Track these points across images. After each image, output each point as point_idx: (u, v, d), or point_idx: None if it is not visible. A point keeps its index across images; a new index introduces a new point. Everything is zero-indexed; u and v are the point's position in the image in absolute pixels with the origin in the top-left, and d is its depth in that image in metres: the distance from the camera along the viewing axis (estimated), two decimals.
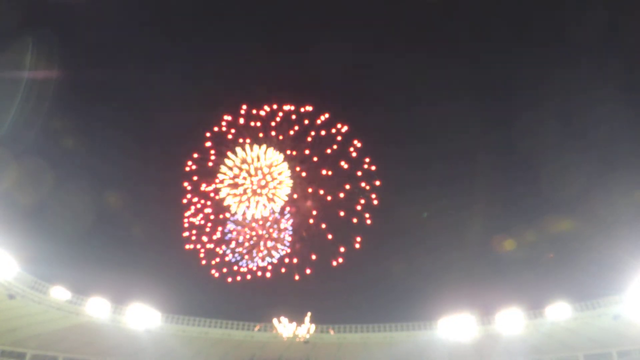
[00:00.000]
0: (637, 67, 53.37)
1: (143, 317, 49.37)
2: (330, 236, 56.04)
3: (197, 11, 65.90)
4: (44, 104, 49.03)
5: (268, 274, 54.68)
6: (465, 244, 62.56)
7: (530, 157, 62.19)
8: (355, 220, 55.79)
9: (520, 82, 64.13)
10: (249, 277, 54.52)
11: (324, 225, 57.27)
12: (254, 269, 54.63)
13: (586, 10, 53.14)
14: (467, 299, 50.31)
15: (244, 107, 56.44)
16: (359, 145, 56.94)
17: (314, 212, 57.03)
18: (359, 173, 56.85)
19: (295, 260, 57.13)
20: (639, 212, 48.70)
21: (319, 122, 57.30)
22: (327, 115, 56.50)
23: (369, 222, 55.64)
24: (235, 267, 54.91)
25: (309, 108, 56.58)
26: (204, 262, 55.04)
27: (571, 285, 47.37)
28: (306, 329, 52.24)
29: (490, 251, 60.39)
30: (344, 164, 56.54)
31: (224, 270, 54.53)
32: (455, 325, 49.80)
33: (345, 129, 56.85)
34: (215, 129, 55.94)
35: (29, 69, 45.42)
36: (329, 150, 56.38)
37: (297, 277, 55.96)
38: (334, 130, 57.28)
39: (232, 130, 55.64)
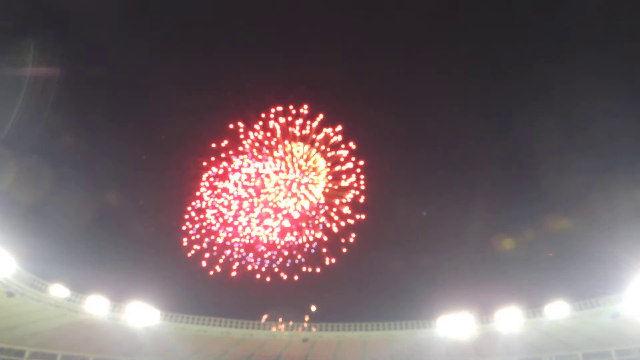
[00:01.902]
0: (637, 65, 53.42)
1: (142, 315, 49.32)
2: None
3: (198, 9, 65.82)
4: (44, 104, 48.95)
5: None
6: (465, 242, 62.75)
7: (530, 156, 62.35)
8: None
9: (519, 81, 64.18)
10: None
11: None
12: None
13: (585, 8, 53.18)
14: (466, 298, 50.52)
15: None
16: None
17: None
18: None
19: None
20: (637, 211, 48.81)
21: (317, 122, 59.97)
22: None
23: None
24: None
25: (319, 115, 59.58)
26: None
27: (570, 284, 47.61)
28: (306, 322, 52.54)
29: (490, 250, 60.61)
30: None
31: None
32: (454, 324, 49.86)
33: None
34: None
35: (30, 69, 45.36)
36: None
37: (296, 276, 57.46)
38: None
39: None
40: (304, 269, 62.72)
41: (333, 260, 60.50)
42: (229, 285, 61.04)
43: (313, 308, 52.53)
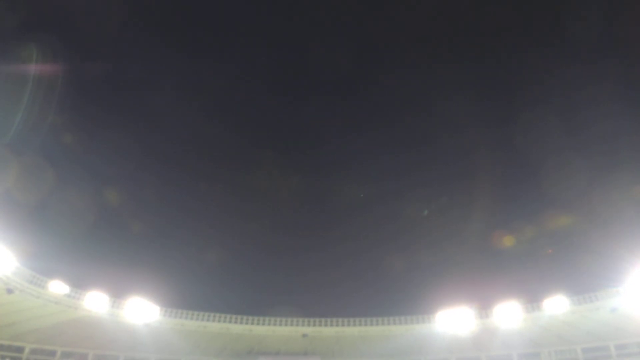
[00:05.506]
0: (637, 63, 53.29)
1: (142, 311, 49.39)
2: None
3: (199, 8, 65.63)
4: (44, 103, 48.89)
5: None
6: (464, 238, 62.76)
7: (529, 153, 62.23)
8: None
9: (520, 79, 64.09)
10: None
11: None
12: None
13: (586, 7, 52.99)
14: (465, 293, 50.52)
15: None
16: None
17: None
18: None
19: None
20: (636, 207, 48.80)
21: None
22: None
23: None
24: None
25: None
26: None
27: (569, 279, 47.64)
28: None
29: (489, 246, 60.58)
30: None
31: None
32: (453, 319, 49.94)
33: None
34: None
35: (32, 70, 45.29)
36: None
37: None
38: None
39: None
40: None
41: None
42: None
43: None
